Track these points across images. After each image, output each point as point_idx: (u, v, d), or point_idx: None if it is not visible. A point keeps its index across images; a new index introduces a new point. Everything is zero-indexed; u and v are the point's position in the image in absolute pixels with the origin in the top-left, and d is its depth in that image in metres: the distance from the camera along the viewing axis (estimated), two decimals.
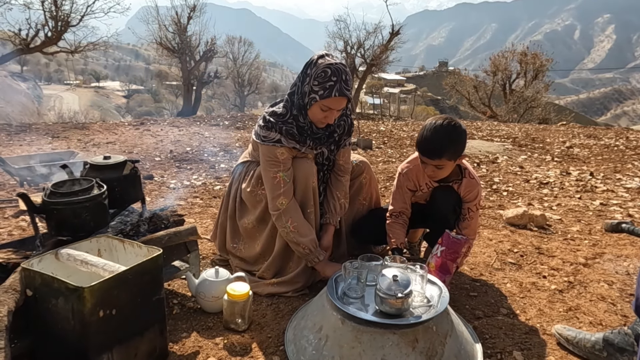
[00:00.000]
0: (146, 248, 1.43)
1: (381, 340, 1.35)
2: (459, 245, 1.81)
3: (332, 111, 1.78)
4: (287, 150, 1.83)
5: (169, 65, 21.56)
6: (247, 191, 1.99)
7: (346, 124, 2.00)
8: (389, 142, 7.02)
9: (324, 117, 1.80)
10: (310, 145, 1.88)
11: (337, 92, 1.72)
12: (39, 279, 1.23)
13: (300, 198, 1.89)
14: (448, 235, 1.84)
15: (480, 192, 1.93)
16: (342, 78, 1.74)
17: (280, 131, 1.81)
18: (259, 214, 1.98)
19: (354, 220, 2.19)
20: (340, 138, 1.99)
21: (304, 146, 1.86)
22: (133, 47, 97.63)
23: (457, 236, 1.84)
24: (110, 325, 1.23)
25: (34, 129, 7.57)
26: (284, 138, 1.81)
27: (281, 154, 1.82)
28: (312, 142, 1.87)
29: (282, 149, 1.82)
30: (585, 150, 6.09)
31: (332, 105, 1.76)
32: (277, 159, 1.83)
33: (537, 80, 18.38)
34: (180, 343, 1.56)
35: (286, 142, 1.82)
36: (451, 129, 1.74)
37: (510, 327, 1.70)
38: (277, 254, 1.95)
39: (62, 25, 12.36)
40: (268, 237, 1.98)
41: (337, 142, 1.99)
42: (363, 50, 19.86)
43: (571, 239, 2.68)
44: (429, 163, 1.80)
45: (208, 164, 5.00)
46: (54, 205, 1.44)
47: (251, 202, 2.00)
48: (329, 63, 1.74)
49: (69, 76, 60.51)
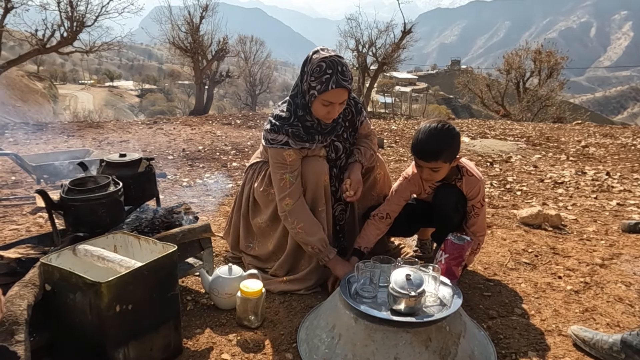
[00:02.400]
0: (161, 244, 1.44)
1: (394, 338, 1.34)
2: (461, 249, 1.80)
3: (334, 105, 1.76)
4: (295, 152, 1.82)
5: (182, 65, 21.74)
6: (259, 191, 1.99)
7: (350, 106, 1.98)
8: (401, 141, 6.98)
9: (327, 112, 1.78)
10: (320, 141, 1.86)
11: (333, 85, 1.70)
12: (57, 274, 1.26)
13: (311, 196, 1.89)
14: (450, 242, 1.83)
15: (482, 188, 1.92)
16: (338, 70, 1.71)
17: (287, 133, 1.80)
18: (271, 212, 1.98)
19: None
20: (353, 121, 1.98)
21: (313, 144, 1.84)
22: (146, 47, 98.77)
23: (459, 240, 1.82)
24: (126, 320, 1.25)
25: (50, 128, 7.71)
26: (291, 140, 1.80)
27: (289, 155, 1.81)
28: (320, 137, 1.85)
29: (289, 151, 1.81)
30: (601, 150, 5.98)
31: (332, 99, 1.74)
32: (285, 162, 1.82)
33: (552, 79, 18.10)
34: (194, 339, 1.58)
35: (294, 144, 1.80)
36: (445, 132, 1.76)
37: (525, 328, 1.69)
38: (289, 252, 1.96)
39: (77, 25, 12.55)
40: (280, 236, 1.99)
41: (352, 126, 1.98)
42: (375, 49, 19.79)
43: (587, 240, 2.64)
44: (425, 166, 1.80)
45: (220, 162, 5.03)
46: (72, 202, 1.46)
47: (263, 201, 2.01)
48: (323, 57, 1.73)
49: (84, 76, 61.45)
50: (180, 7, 18.18)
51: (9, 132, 7.13)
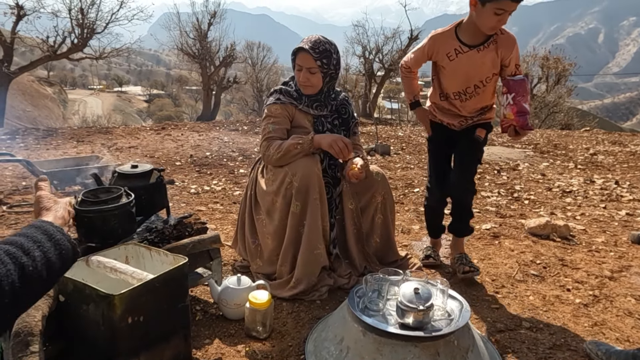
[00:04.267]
0: (172, 256, 1.46)
1: (402, 352, 1.35)
2: (523, 83, 1.84)
3: (303, 70, 2.01)
4: (281, 107, 2.06)
5: (190, 71, 21.96)
6: (260, 186, 2.08)
7: (347, 108, 2.21)
8: (407, 147, 6.99)
9: (299, 77, 2.03)
10: (307, 103, 2.08)
11: (297, 47, 2.00)
12: (71, 285, 1.28)
13: (305, 184, 1.92)
14: (511, 81, 1.86)
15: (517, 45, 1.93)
16: (310, 40, 2.00)
17: (280, 91, 2.09)
18: (266, 207, 2.05)
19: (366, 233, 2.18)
20: (348, 121, 2.18)
21: (300, 103, 2.07)
22: (155, 53, 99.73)
23: (518, 78, 1.86)
24: (138, 331, 1.27)
25: (60, 133, 7.80)
26: (282, 96, 2.07)
27: (275, 109, 2.06)
28: (307, 100, 2.08)
29: (276, 105, 2.06)
30: (610, 158, 5.94)
31: (299, 62, 2.00)
32: (271, 114, 2.06)
33: (560, 85, 18.01)
34: (203, 349, 1.59)
35: (283, 99, 2.06)
36: None
37: (533, 342, 1.68)
38: (287, 243, 1.99)
39: (87, 32, 12.74)
40: (277, 229, 2.01)
41: (345, 123, 2.17)
42: (381, 55, 19.86)
43: (596, 251, 2.63)
44: (509, 10, 1.77)
45: (227, 168, 5.07)
46: (85, 213, 1.49)
47: (260, 196, 2.09)
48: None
49: (93, 81, 62.21)
50: (189, 14, 18.40)
51: (20, 137, 7.23)
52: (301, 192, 1.93)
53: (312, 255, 1.96)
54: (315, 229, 1.95)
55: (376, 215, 2.15)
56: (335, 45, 2.05)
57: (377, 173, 2.14)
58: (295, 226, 1.96)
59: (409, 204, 3.62)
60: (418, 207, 3.51)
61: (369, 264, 2.14)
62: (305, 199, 1.94)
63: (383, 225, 2.17)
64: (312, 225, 1.95)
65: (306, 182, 1.93)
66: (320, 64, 1.99)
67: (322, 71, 2.01)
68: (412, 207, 3.51)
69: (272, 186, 2.01)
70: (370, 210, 2.15)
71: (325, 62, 2.00)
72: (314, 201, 1.94)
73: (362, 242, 2.15)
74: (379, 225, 2.16)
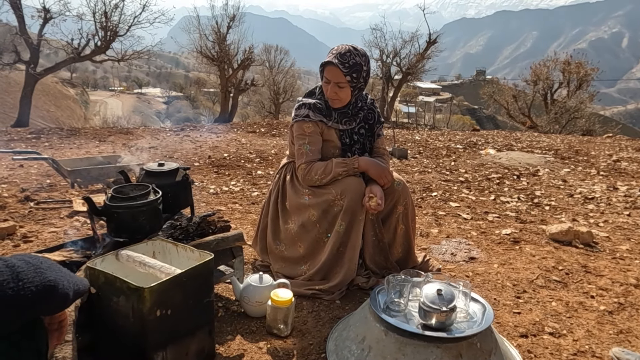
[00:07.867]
0: (198, 252, 1.50)
1: (425, 353, 1.35)
2: None
3: (332, 84, 1.94)
4: (313, 125, 2.01)
5: (208, 73, 22.21)
6: (292, 196, 2.06)
7: (374, 113, 2.16)
8: (425, 151, 6.95)
9: (327, 91, 1.97)
10: (336, 119, 2.03)
11: (325, 61, 1.93)
12: (102, 277, 1.32)
13: (353, 205, 1.93)
14: None
15: None
16: (340, 52, 1.92)
17: (309, 107, 2.01)
18: (302, 220, 2.02)
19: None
20: (373, 126, 2.15)
21: (330, 120, 2.02)
22: (174, 55, 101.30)
23: None
24: (165, 324, 1.30)
25: (83, 133, 8.00)
26: (311, 112, 2.00)
27: (307, 127, 2.01)
28: (337, 115, 2.03)
29: (308, 123, 2.01)
30: (634, 165, 5.80)
31: (327, 75, 1.94)
32: (304, 132, 2.01)
33: (581, 90, 17.65)
34: (226, 345, 1.62)
35: (314, 116, 2.00)
36: None
37: (556, 348, 1.66)
38: (327, 259, 1.99)
39: (110, 35, 13.04)
40: (313, 241, 2.02)
41: (370, 129, 2.14)
42: (399, 59, 19.79)
43: (620, 258, 2.57)
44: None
45: (245, 170, 5.12)
46: (115, 209, 1.53)
47: (294, 208, 2.06)
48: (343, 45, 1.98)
49: (114, 83, 63.52)
50: (208, 17, 18.63)
51: (45, 136, 7.45)
52: (348, 212, 1.93)
53: (350, 271, 1.99)
54: (357, 247, 1.98)
55: (398, 226, 2.12)
56: (366, 57, 1.98)
57: (397, 182, 2.08)
58: (337, 245, 1.97)
59: (427, 207, 3.60)
60: (436, 211, 3.49)
61: (389, 270, 2.14)
62: (352, 219, 1.94)
63: (405, 236, 2.14)
64: (355, 244, 1.97)
65: (354, 204, 1.93)
66: (349, 79, 1.92)
67: (351, 85, 1.95)
68: (431, 210, 3.50)
69: (312, 200, 1.99)
70: (392, 221, 2.11)
71: (355, 76, 1.93)
72: (359, 222, 1.95)
73: (386, 253, 2.11)
74: (401, 235, 2.13)
